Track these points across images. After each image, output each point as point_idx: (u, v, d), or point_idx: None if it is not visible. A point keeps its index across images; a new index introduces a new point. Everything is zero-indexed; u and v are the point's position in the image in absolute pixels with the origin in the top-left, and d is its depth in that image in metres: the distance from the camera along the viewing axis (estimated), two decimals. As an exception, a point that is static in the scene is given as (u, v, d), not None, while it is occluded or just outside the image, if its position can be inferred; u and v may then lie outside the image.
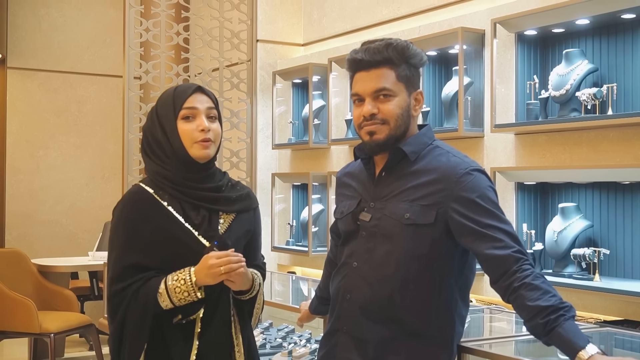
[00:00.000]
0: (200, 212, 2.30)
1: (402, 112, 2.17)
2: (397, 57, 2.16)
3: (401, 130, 2.17)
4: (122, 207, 2.31)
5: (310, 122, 5.62)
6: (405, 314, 2.13)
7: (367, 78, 2.17)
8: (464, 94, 4.28)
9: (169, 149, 2.29)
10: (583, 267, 3.74)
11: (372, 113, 2.15)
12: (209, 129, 2.30)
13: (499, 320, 3.24)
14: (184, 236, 2.26)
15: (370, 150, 2.21)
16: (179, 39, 5.49)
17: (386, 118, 2.16)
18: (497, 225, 2.05)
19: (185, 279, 2.21)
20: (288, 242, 5.96)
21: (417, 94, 2.21)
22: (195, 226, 2.28)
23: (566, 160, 3.87)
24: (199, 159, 2.30)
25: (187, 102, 2.30)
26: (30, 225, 8.32)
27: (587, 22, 3.78)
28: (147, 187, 2.31)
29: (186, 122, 2.29)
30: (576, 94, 3.74)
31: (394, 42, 2.18)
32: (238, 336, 2.36)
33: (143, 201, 2.29)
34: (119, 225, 2.28)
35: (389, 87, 2.15)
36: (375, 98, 2.16)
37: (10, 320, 5.82)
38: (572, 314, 1.93)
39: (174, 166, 2.29)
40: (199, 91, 2.33)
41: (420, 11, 5.05)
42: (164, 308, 2.23)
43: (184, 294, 2.21)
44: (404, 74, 2.17)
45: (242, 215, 2.40)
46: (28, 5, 8.33)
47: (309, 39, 6.29)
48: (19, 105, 8.32)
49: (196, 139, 2.27)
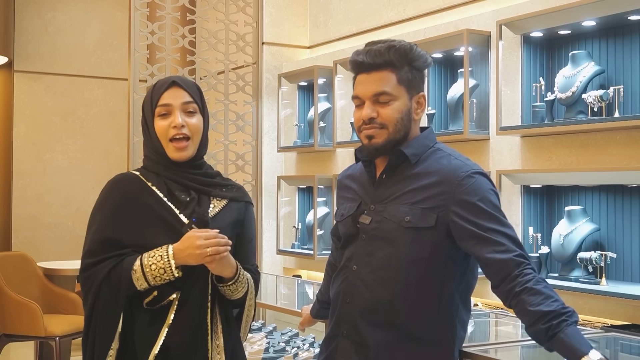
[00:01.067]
0: (190, 193, 2.27)
1: (402, 117, 2.14)
2: (398, 59, 2.13)
3: (401, 135, 2.15)
4: (106, 187, 2.30)
5: (316, 125, 5.60)
6: (406, 318, 2.10)
7: (368, 81, 2.14)
8: (470, 96, 4.26)
9: (151, 144, 2.30)
10: (589, 270, 3.71)
11: (371, 117, 2.13)
12: (183, 125, 2.24)
13: (504, 325, 3.21)
14: (165, 213, 2.22)
15: (369, 154, 2.18)
16: (185, 42, 5.48)
17: (385, 122, 2.13)
18: (499, 229, 2.02)
19: (162, 254, 2.14)
20: (293, 245, 5.94)
21: (419, 97, 2.18)
22: (181, 205, 2.24)
23: (572, 163, 3.84)
24: (174, 160, 2.27)
25: (162, 99, 2.26)
26: (37, 228, 8.32)
27: (593, 24, 3.75)
28: (135, 172, 2.32)
29: (161, 119, 2.26)
30: (582, 96, 3.71)
31: (397, 44, 2.15)
32: (219, 337, 2.26)
33: (127, 181, 2.28)
34: (101, 203, 2.27)
35: (389, 91, 2.12)
36: (375, 102, 2.13)
37: (16, 323, 5.81)
38: (575, 319, 1.90)
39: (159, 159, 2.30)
40: (174, 86, 2.27)
41: (425, 13, 5.03)
42: (138, 288, 2.15)
43: (160, 271, 2.13)
44: (405, 77, 2.14)
45: (234, 204, 2.35)
46: (34, 8, 8.34)
47: (315, 41, 6.27)
48: (25, 109, 8.32)
49: (169, 136, 2.24)
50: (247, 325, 2.41)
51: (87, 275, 2.20)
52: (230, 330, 2.32)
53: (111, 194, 2.27)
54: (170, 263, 2.14)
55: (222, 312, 2.30)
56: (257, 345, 3.74)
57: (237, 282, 2.26)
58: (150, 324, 2.20)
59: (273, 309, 3.61)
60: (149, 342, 2.18)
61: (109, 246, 2.20)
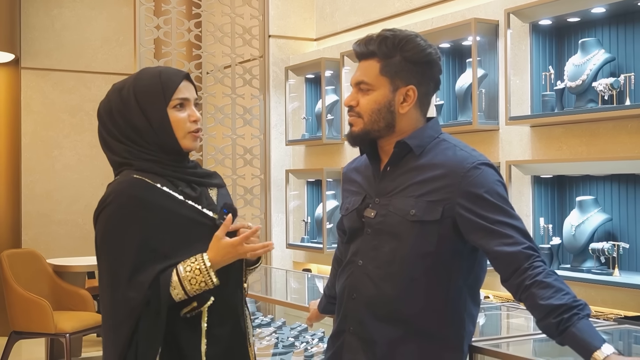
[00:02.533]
0: (193, 187, 2.23)
1: (380, 108, 2.10)
2: (385, 50, 2.09)
3: (380, 126, 2.11)
4: (117, 197, 2.11)
5: (324, 118, 5.56)
6: (413, 313, 2.06)
7: (357, 69, 2.15)
8: (478, 86, 4.21)
9: (152, 137, 2.17)
10: (602, 261, 3.66)
11: (350, 104, 2.13)
12: (200, 119, 2.25)
13: (515, 318, 3.16)
14: (190, 213, 2.16)
15: (349, 141, 2.18)
16: (190, 36, 5.45)
17: (360, 112, 2.12)
18: (506, 221, 1.97)
19: (200, 267, 2.09)
20: (303, 239, 5.91)
21: (408, 89, 2.10)
22: (196, 200, 2.20)
23: (583, 152, 3.79)
24: (188, 149, 2.24)
25: (179, 92, 2.20)
26: (46, 225, 8.33)
27: (603, 11, 3.69)
28: (134, 175, 2.15)
29: (177, 110, 2.20)
30: (593, 85, 3.66)
31: (390, 34, 2.10)
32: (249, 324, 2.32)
33: (135, 187, 2.12)
34: (116, 220, 2.09)
35: (367, 80, 2.10)
36: (358, 90, 2.13)
37: (26, 320, 5.81)
38: (587, 313, 1.85)
39: (154, 152, 2.18)
40: (187, 79, 2.25)
41: (433, 3, 4.98)
42: (176, 301, 2.10)
43: (201, 284, 2.09)
44: (390, 69, 2.09)
45: (222, 190, 2.35)
46: (41, 5, 8.33)
47: (322, 33, 6.23)
48: (33, 105, 8.32)
49: (189, 130, 2.21)
50: None
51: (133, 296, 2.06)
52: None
53: (126, 203, 2.10)
54: (210, 275, 2.11)
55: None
56: (265, 341, 3.72)
57: (260, 263, 2.35)
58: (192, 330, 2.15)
59: (282, 304, 3.59)
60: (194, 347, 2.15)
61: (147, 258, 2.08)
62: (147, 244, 2.09)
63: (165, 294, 2.06)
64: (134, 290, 2.05)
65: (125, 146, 2.17)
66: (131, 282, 2.06)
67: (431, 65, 2.13)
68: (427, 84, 2.14)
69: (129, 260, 2.07)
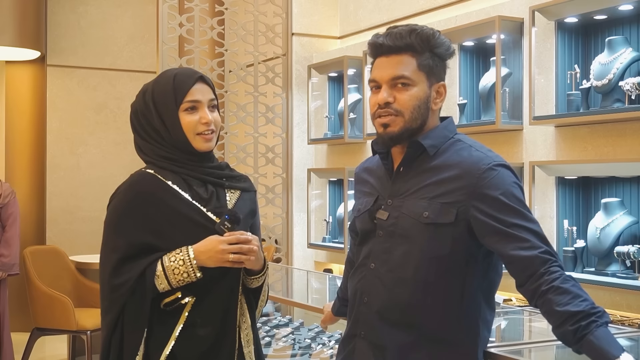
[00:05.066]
0: (207, 187, 2.25)
1: (420, 104, 2.03)
2: (420, 44, 2.03)
3: (417, 124, 2.04)
4: (125, 189, 2.22)
5: (346, 117, 5.51)
6: (425, 318, 2.00)
7: (387, 64, 2.04)
8: (502, 85, 4.14)
9: (167, 137, 2.24)
10: (627, 265, 3.59)
11: (387, 101, 2.02)
12: (212, 121, 2.24)
13: (537, 322, 3.08)
14: (190, 212, 2.19)
15: (384, 143, 2.08)
16: (213, 34, 5.43)
17: (401, 109, 2.02)
18: (523, 224, 1.91)
19: (183, 258, 2.14)
20: (324, 239, 5.86)
21: (440, 86, 2.07)
22: (203, 202, 2.22)
23: (609, 153, 3.71)
24: (201, 151, 2.25)
25: (190, 95, 2.23)
26: (71, 222, 8.36)
27: (630, 8, 3.62)
28: (149, 170, 2.25)
29: (188, 113, 2.23)
30: (619, 84, 3.58)
31: (419, 29, 2.05)
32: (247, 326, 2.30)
33: (146, 182, 2.21)
34: (122, 208, 2.20)
35: (408, 75, 2.02)
36: (393, 86, 2.03)
37: (49, 317, 5.84)
38: (606, 320, 1.78)
39: (172, 151, 2.25)
40: (200, 81, 2.25)
41: (457, 0, 4.91)
42: (160, 291, 2.15)
43: (183, 275, 2.14)
44: (426, 63, 2.04)
45: (246, 195, 2.35)
46: (67, 2, 8.37)
47: (345, 31, 6.18)
48: (58, 103, 8.35)
49: (199, 131, 2.23)
50: (260, 310, 2.43)
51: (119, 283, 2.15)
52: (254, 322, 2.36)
53: (133, 197, 2.20)
54: (193, 266, 2.14)
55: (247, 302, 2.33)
56: (281, 342, 3.67)
57: (265, 273, 2.31)
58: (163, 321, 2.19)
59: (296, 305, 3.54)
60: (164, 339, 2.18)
61: (141, 251, 2.17)
62: (143, 238, 2.17)
63: (150, 283, 2.13)
64: (122, 278, 2.14)
65: (149, 144, 2.26)
66: (119, 271, 2.15)
67: (448, 64, 2.11)
68: (444, 80, 2.11)
69: (121, 251, 2.16)
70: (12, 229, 5.80)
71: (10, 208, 5.81)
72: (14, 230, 5.80)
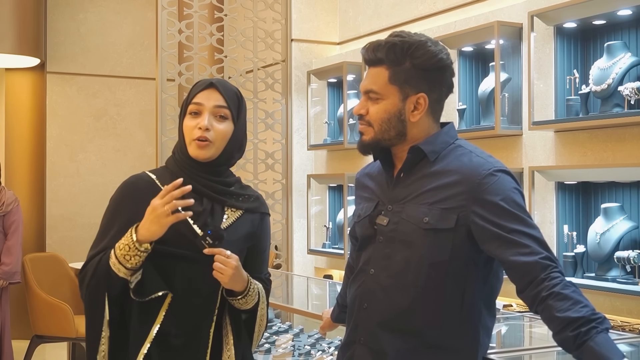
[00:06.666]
0: (203, 201, 2.22)
1: (390, 117, 2.03)
2: (394, 57, 2.01)
3: (390, 135, 2.05)
4: (118, 191, 2.27)
5: (345, 122, 5.51)
6: (425, 325, 1.99)
7: (366, 76, 2.08)
8: (501, 90, 4.14)
9: (178, 142, 2.28)
10: (627, 270, 3.59)
11: (359, 113, 2.07)
12: (208, 128, 2.19)
13: (538, 328, 3.08)
14: (177, 222, 2.13)
15: (359, 149, 2.13)
16: (213, 40, 5.43)
17: (371, 121, 2.05)
18: (523, 230, 1.90)
19: (128, 243, 2.11)
20: (324, 244, 5.86)
21: (418, 97, 2.03)
22: (194, 215, 2.17)
23: (609, 158, 3.71)
24: (195, 158, 2.22)
25: (196, 97, 2.23)
26: (71, 228, 8.34)
27: (629, 13, 3.62)
28: (152, 174, 2.28)
29: (191, 117, 2.23)
30: (619, 89, 3.58)
31: (399, 41, 2.02)
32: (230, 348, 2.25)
33: (139, 185, 2.24)
34: (112, 208, 2.24)
35: (376, 89, 2.03)
36: (368, 98, 2.07)
37: (47, 324, 5.84)
38: (606, 326, 1.77)
39: (180, 156, 2.27)
40: (211, 87, 2.23)
41: (456, 6, 4.92)
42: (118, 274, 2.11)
43: (135, 258, 2.09)
44: (399, 77, 2.02)
45: (249, 216, 2.30)
46: (66, 9, 8.37)
47: (345, 37, 6.18)
48: (58, 110, 8.35)
49: (193, 137, 2.20)
50: (259, 335, 2.37)
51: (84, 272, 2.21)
52: (240, 340, 2.29)
53: (122, 199, 2.24)
54: (133, 237, 2.10)
55: (233, 323, 2.28)
56: (281, 349, 3.67)
57: (247, 295, 2.24)
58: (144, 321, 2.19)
59: (295, 311, 3.54)
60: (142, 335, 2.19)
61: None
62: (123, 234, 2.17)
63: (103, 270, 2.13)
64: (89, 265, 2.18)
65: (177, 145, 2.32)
66: (91, 260, 2.19)
67: (443, 71, 2.05)
68: (439, 89, 2.06)
69: (100, 242, 2.21)
70: (14, 237, 5.79)
71: (12, 216, 5.80)
72: (15, 238, 5.79)
